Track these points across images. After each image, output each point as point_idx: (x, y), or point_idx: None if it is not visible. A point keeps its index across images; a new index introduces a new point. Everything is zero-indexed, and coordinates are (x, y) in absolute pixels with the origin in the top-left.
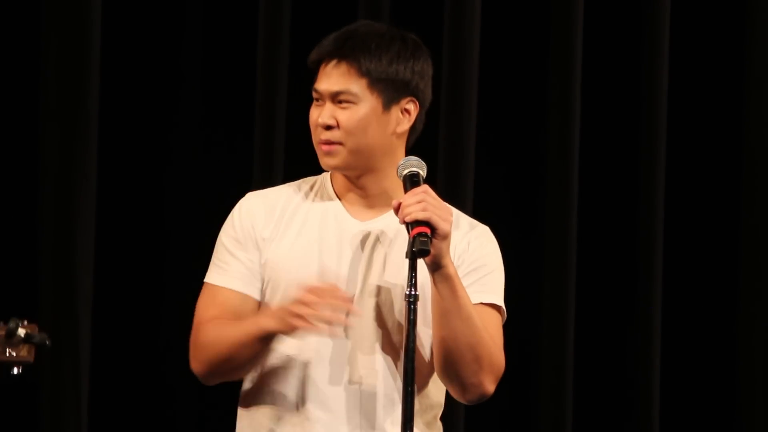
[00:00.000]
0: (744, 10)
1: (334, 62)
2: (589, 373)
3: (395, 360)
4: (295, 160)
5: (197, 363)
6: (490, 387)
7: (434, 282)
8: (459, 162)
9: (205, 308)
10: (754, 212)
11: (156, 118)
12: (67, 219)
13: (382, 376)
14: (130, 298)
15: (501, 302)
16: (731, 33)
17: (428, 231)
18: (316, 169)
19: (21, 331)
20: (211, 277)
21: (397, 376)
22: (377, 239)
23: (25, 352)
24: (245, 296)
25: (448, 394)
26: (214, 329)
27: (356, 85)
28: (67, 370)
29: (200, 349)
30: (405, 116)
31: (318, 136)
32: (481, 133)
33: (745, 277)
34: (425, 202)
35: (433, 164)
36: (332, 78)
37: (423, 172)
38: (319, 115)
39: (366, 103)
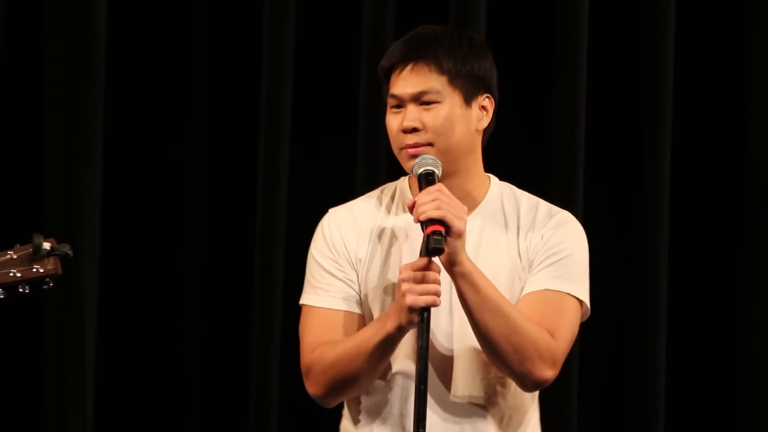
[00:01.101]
0: (749, 9)
1: (410, 65)
2: (596, 372)
3: (486, 368)
4: (301, 156)
5: (317, 386)
6: (545, 374)
7: (453, 280)
8: None
9: (314, 332)
10: (759, 209)
11: (162, 114)
12: (72, 216)
13: (474, 386)
14: (136, 295)
15: (574, 291)
16: (736, 31)
17: (442, 229)
18: (321, 160)
19: (46, 245)
20: (314, 299)
21: (485, 384)
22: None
23: (52, 266)
24: (353, 315)
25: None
26: (332, 350)
27: (438, 83)
28: (72, 369)
29: (320, 373)
30: (483, 113)
31: (402, 141)
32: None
33: (751, 275)
34: (439, 201)
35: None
36: (412, 80)
37: (438, 171)
38: (402, 120)
39: (449, 100)
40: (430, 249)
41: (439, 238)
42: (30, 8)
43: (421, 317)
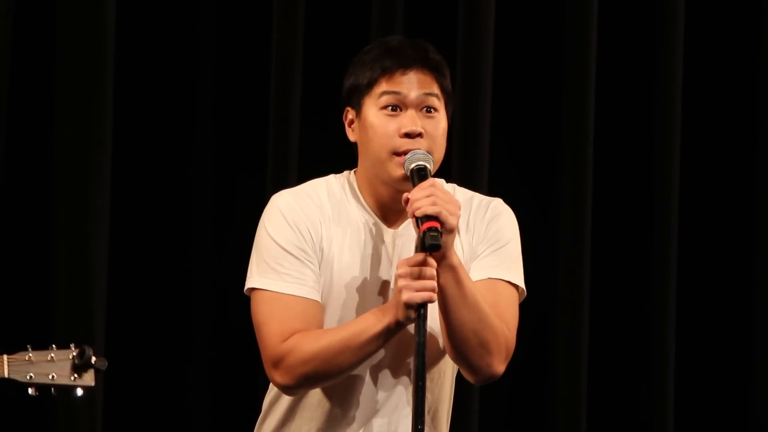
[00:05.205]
0: (759, 9)
1: (417, 70)
2: (603, 369)
3: (438, 363)
4: (308, 154)
5: (290, 377)
6: (499, 368)
7: (438, 272)
8: (473, 164)
9: (283, 320)
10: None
11: (170, 116)
12: (81, 218)
13: (429, 382)
14: (145, 297)
15: (515, 278)
16: (746, 31)
17: (438, 225)
18: (328, 162)
19: (93, 360)
20: (281, 285)
21: (437, 378)
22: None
23: (89, 377)
24: (319, 305)
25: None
26: (313, 340)
27: (438, 92)
28: None
29: (297, 364)
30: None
31: (399, 145)
32: (495, 132)
33: (760, 272)
34: (435, 197)
35: (446, 168)
36: (418, 82)
37: (430, 166)
38: (402, 123)
39: (442, 114)
40: (427, 245)
41: (435, 235)
42: (40, 9)
43: (417, 313)
